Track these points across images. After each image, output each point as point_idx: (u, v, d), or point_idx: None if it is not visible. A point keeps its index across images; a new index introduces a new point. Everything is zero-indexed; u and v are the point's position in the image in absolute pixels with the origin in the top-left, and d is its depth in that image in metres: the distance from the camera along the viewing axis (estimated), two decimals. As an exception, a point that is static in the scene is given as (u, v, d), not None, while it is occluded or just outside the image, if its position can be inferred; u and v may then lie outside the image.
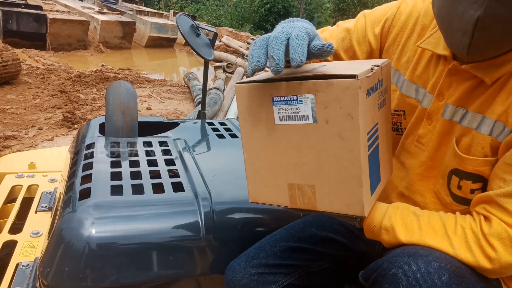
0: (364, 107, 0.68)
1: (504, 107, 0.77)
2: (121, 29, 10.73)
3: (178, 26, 1.89)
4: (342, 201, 0.74)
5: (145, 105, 5.89)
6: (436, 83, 0.89)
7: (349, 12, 15.57)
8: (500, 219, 0.73)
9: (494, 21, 0.67)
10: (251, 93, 0.74)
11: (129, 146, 1.37)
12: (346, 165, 0.71)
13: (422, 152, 0.93)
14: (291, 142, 0.74)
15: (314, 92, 0.68)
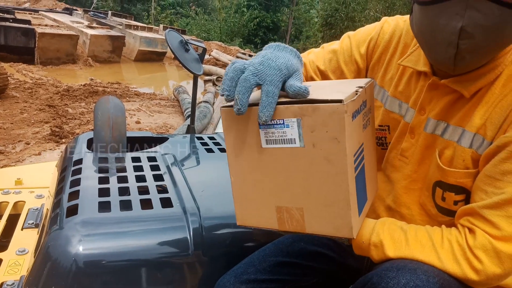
0: (350, 130, 0.69)
1: (482, 120, 0.79)
2: (111, 43, 10.74)
3: (167, 41, 1.90)
4: (331, 224, 0.74)
5: (134, 119, 5.88)
6: (418, 98, 0.91)
7: (336, 27, 15.76)
8: (484, 231, 0.75)
9: (476, 29, 0.70)
10: (238, 117, 0.74)
11: (117, 162, 1.37)
12: (333, 188, 0.71)
13: (406, 165, 0.95)
14: (279, 165, 0.75)
15: (301, 116, 0.69)
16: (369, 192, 0.87)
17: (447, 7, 0.71)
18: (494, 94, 0.79)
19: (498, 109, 0.78)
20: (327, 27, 16.30)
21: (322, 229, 0.76)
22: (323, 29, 16.80)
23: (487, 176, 0.78)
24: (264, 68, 0.71)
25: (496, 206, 0.75)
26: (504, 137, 0.75)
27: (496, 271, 0.73)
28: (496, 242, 0.73)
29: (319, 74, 1.08)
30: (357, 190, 0.75)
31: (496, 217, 0.74)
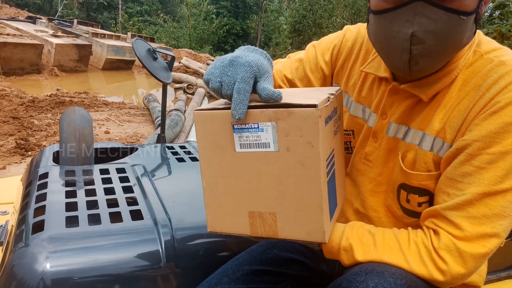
0: (323, 135, 0.70)
1: (441, 124, 0.82)
2: (77, 52, 10.52)
3: (134, 50, 1.88)
4: (303, 228, 0.75)
5: (103, 129, 5.76)
6: (379, 103, 0.94)
7: (304, 33, 15.98)
8: (448, 232, 0.77)
9: (426, 34, 0.73)
10: (211, 121, 0.74)
11: (85, 175, 1.34)
12: (307, 193, 0.72)
13: (370, 169, 0.98)
14: (252, 170, 0.75)
15: (275, 120, 0.70)
16: (339, 197, 0.88)
17: (398, 14, 0.74)
18: (451, 98, 0.82)
19: (455, 112, 0.81)
20: (296, 33, 16.52)
21: (294, 234, 0.76)
22: (291, 36, 17.02)
23: (448, 178, 0.80)
24: (234, 68, 0.71)
25: (457, 207, 0.77)
26: (462, 140, 0.78)
27: (460, 271, 0.75)
28: (459, 242, 0.75)
29: (287, 83, 1.09)
30: (328, 195, 0.75)
31: (458, 218, 0.76)
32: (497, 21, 11.07)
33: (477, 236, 0.75)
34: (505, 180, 0.73)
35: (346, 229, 0.85)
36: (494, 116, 0.74)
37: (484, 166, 0.74)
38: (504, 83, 0.74)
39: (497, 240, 0.75)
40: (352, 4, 16.69)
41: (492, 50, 0.82)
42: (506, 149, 0.72)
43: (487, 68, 0.79)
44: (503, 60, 0.78)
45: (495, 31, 9.48)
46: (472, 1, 0.73)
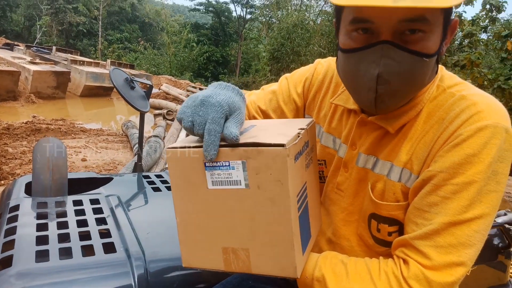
0: (293, 172, 0.72)
1: (408, 155, 0.85)
2: (55, 79, 10.43)
3: (112, 80, 1.89)
4: (276, 264, 0.76)
5: (80, 156, 5.67)
6: (349, 134, 0.97)
7: (283, 60, 16.31)
8: (416, 261, 0.78)
9: (391, 76, 0.76)
10: (184, 158, 0.75)
11: (57, 206, 1.31)
12: (278, 229, 0.73)
13: (342, 198, 0.99)
14: (225, 207, 0.76)
15: (246, 158, 0.71)
16: (313, 229, 0.88)
17: (365, 55, 0.77)
18: (417, 130, 0.85)
19: (421, 144, 0.83)
20: (274, 61, 16.83)
21: (267, 270, 0.77)
22: (270, 63, 17.31)
23: (416, 208, 0.81)
24: (206, 108, 0.73)
25: (425, 237, 0.78)
26: (428, 171, 0.79)
27: None
28: (428, 271, 0.76)
29: (261, 114, 1.12)
30: (301, 229, 0.76)
31: (426, 248, 0.77)
32: (466, 49, 11.54)
33: (444, 265, 0.76)
34: (469, 209, 0.75)
35: (319, 259, 0.85)
36: (457, 148, 0.76)
37: (449, 196, 0.76)
38: (465, 116, 0.78)
39: (463, 268, 0.76)
40: (328, 33, 17.19)
41: (454, 85, 0.86)
42: (469, 179, 0.75)
43: (449, 102, 0.82)
44: (463, 94, 0.81)
45: (465, 59, 9.87)
46: (434, 44, 0.76)
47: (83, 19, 31.70)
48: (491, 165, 0.74)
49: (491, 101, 0.80)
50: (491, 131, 0.74)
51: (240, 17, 26.86)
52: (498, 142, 0.74)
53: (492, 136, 0.74)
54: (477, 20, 11.73)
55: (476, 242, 0.76)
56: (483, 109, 0.77)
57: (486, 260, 1.61)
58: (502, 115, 0.77)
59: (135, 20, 37.36)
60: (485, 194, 0.75)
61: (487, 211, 0.75)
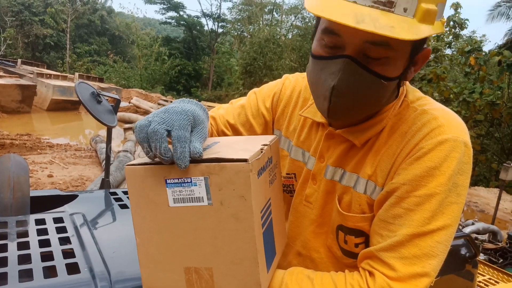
0: (256, 187, 0.71)
1: (373, 168, 0.86)
2: (20, 93, 10.12)
3: (78, 94, 1.84)
4: (240, 283, 0.74)
5: (46, 173, 5.49)
6: (317, 146, 0.98)
7: (255, 74, 16.45)
8: (382, 273, 0.79)
9: (346, 89, 0.78)
10: (143, 176, 0.73)
11: (18, 226, 1.25)
12: (241, 246, 0.71)
13: (311, 210, 1.00)
14: (187, 225, 0.73)
15: (208, 174, 0.69)
16: (278, 246, 0.87)
17: (328, 64, 0.80)
18: (381, 143, 0.86)
19: (385, 157, 0.84)
20: (247, 75, 16.95)
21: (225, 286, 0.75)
22: (243, 77, 17.43)
23: (380, 220, 0.82)
24: (170, 114, 0.69)
25: (390, 248, 0.79)
26: (391, 183, 0.81)
27: None
28: (393, 283, 0.77)
29: (230, 128, 1.11)
30: (265, 246, 0.76)
31: (391, 259, 0.78)
32: (432, 63, 11.97)
33: (409, 276, 0.77)
34: (431, 221, 0.77)
35: (285, 276, 0.84)
36: (418, 161, 0.78)
37: (412, 208, 0.78)
38: (426, 130, 0.80)
39: (427, 279, 0.77)
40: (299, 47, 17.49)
41: (417, 100, 0.88)
42: (431, 191, 0.76)
43: (411, 116, 0.84)
44: (425, 109, 0.84)
45: (431, 73, 10.23)
46: (396, 69, 0.79)
47: (50, 31, 31.04)
48: (452, 177, 0.76)
49: (451, 115, 0.82)
50: (451, 145, 0.77)
51: (212, 31, 26.98)
52: (458, 155, 0.77)
53: (452, 149, 0.77)
54: (441, 36, 12.21)
55: (439, 253, 0.77)
56: (443, 123, 0.79)
57: (454, 270, 1.65)
58: (461, 129, 0.80)
59: (104, 33, 36.89)
60: (447, 206, 0.77)
61: (448, 222, 0.77)
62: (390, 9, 0.71)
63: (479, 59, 9.59)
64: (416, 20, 0.72)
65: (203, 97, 20.41)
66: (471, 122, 10.41)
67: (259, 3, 24.73)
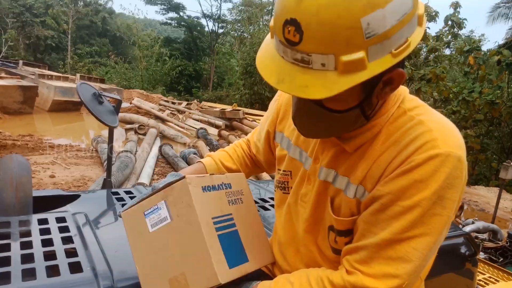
0: (199, 197, 0.91)
1: (363, 173, 0.88)
2: (22, 94, 10.13)
3: (79, 94, 1.85)
4: (203, 277, 0.88)
5: (48, 173, 5.51)
6: (314, 148, 1.01)
7: (256, 75, 16.40)
8: (358, 269, 0.84)
9: (301, 120, 0.89)
10: (132, 215, 0.98)
11: (21, 226, 1.26)
12: (197, 245, 0.89)
13: (304, 209, 1.03)
14: (162, 242, 0.93)
15: (165, 198, 0.92)
16: (251, 255, 1.01)
17: None
18: (375, 150, 0.87)
19: (377, 164, 0.86)
20: (248, 75, 16.93)
21: (201, 285, 0.88)
22: (244, 77, 17.41)
23: (364, 222, 0.87)
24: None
25: (370, 247, 0.84)
26: (378, 190, 0.84)
27: None
28: (366, 278, 0.82)
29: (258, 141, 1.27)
30: (222, 246, 0.91)
31: (368, 257, 0.84)
32: (431, 63, 11.95)
33: (382, 274, 0.82)
34: (410, 230, 0.80)
35: (271, 285, 0.93)
36: (407, 174, 0.80)
37: (394, 216, 0.81)
38: (419, 143, 0.81)
39: (398, 281, 0.81)
40: (300, 47, 17.39)
41: (414, 108, 0.89)
42: (414, 203, 0.79)
43: (407, 126, 0.85)
44: (421, 119, 0.84)
45: (431, 73, 10.21)
46: (349, 102, 0.80)
47: (51, 32, 31.08)
48: (438, 191, 0.79)
49: (446, 128, 0.83)
50: (442, 160, 0.78)
51: (212, 32, 26.95)
52: (448, 170, 0.78)
53: (442, 164, 0.78)
54: (441, 36, 12.19)
55: (414, 259, 0.81)
56: (437, 137, 0.80)
57: (454, 268, 1.65)
58: (455, 143, 0.81)
59: (105, 34, 36.93)
60: (429, 217, 0.80)
61: (428, 232, 0.80)
62: (308, 66, 0.73)
63: (478, 59, 9.57)
64: (337, 73, 0.71)
65: (204, 98, 20.36)
66: (471, 122, 10.39)
67: (259, 4, 24.71)
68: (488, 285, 2.40)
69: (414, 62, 12.71)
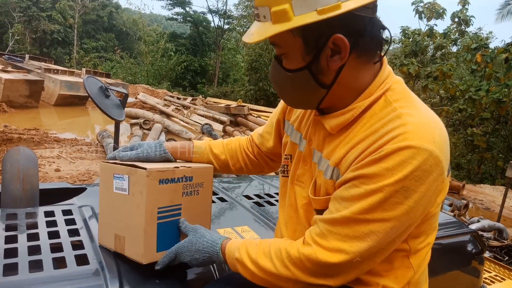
0: (153, 189, 1.03)
1: (341, 156, 0.93)
2: (28, 88, 10.16)
3: (86, 88, 1.85)
4: (134, 250, 1.05)
5: (53, 167, 5.53)
6: (307, 130, 1.07)
7: (261, 71, 16.36)
8: (315, 241, 0.89)
9: (271, 72, 1.01)
10: (106, 170, 1.14)
11: (28, 218, 1.27)
12: (138, 224, 1.04)
13: (302, 189, 1.07)
14: (118, 205, 1.10)
15: (129, 174, 1.06)
16: None
17: None
18: (355, 136, 0.92)
19: (354, 149, 0.90)
20: (253, 71, 16.87)
21: (130, 253, 1.06)
22: (249, 73, 17.35)
23: (333, 197, 0.92)
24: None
25: (330, 222, 0.89)
26: (348, 173, 0.89)
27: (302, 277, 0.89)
28: (320, 250, 0.87)
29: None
30: (159, 232, 1.06)
31: (327, 232, 0.88)
32: (438, 61, 11.90)
33: (335, 249, 0.86)
34: (369, 212, 0.84)
35: (239, 247, 0.98)
36: (377, 162, 0.84)
37: (357, 197, 0.86)
38: (392, 135, 0.84)
39: (349, 256, 0.85)
40: (306, 43, 17.32)
41: (401, 99, 0.92)
42: (377, 188, 0.83)
43: (388, 118, 0.88)
44: (401, 112, 0.88)
45: (437, 70, 10.16)
46: (295, 62, 0.92)
47: (57, 27, 31.14)
48: (402, 181, 0.81)
49: (423, 123, 0.86)
50: (412, 152, 0.81)
51: (218, 27, 26.90)
52: (416, 163, 0.81)
53: (412, 156, 0.81)
54: (448, 33, 12.11)
55: (369, 241, 0.85)
56: (410, 130, 0.83)
57: (460, 266, 1.64)
58: (428, 137, 0.83)
59: (111, 29, 36.94)
60: (391, 204, 0.83)
61: (387, 217, 0.84)
62: (258, 19, 0.91)
63: (485, 56, 9.50)
64: (271, 23, 0.88)
65: (209, 93, 20.36)
66: (477, 120, 10.32)
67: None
68: (494, 283, 2.39)
69: (421, 59, 12.64)
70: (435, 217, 0.97)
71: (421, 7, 13.47)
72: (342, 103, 0.95)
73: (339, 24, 0.85)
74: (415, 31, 13.77)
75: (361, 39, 0.89)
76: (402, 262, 0.96)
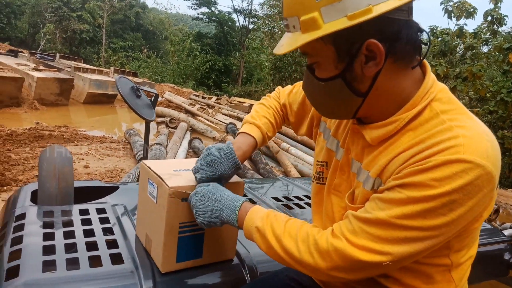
0: (175, 206, 1.06)
1: (382, 166, 0.89)
2: (58, 86, 10.43)
3: (118, 88, 1.88)
4: (157, 255, 1.10)
5: (83, 163, 5.65)
6: (345, 139, 1.03)
7: (285, 70, 16.32)
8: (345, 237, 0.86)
9: (304, 83, 0.99)
10: (144, 171, 1.18)
11: (63, 215, 1.30)
12: (160, 235, 1.07)
13: (340, 199, 1.04)
14: (149, 208, 1.15)
15: (158, 185, 1.09)
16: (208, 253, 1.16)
17: None
18: (398, 147, 0.88)
19: (396, 159, 0.86)
20: (277, 70, 16.84)
21: (154, 257, 1.12)
22: (272, 73, 17.33)
23: (372, 198, 0.89)
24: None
25: (363, 220, 0.86)
26: (390, 180, 0.86)
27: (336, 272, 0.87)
28: (351, 248, 0.85)
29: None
30: (179, 245, 1.09)
31: (359, 229, 0.86)
32: (468, 61, 11.57)
33: (366, 248, 0.84)
34: (408, 219, 0.81)
35: (264, 216, 0.98)
36: (423, 172, 0.80)
37: (397, 201, 0.82)
38: (442, 146, 0.80)
39: (381, 257, 0.83)
40: (331, 43, 17.16)
41: (449, 110, 0.87)
42: (420, 198, 0.79)
43: (436, 130, 0.84)
44: (452, 125, 0.83)
45: (467, 71, 9.88)
46: (328, 71, 0.89)
47: (86, 27, 31.88)
48: (451, 194, 0.77)
49: (477, 136, 0.81)
50: (464, 166, 0.77)
51: (243, 27, 26.96)
52: (469, 178, 0.77)
53: (463, 170, 0.77)
54: (479, 33, 11.77)
55: (403, 246, 0.82)
56: (461, 143, 0.79)
57: (497, 275, 1.59)
58: (483, 153, 0.78)
59: (138, 29, 37.55)
60: (433, 215, 0.79)
61: (425, 227, 0.80)
62: (288, 30, 0.90)
63: (519, 57, 9.18)
64: (300, 33, 0.86)
65: (233, 93, 20.44)
66: (509, 122, 9.99)
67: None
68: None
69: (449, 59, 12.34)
70: (477, 230, 0.93)
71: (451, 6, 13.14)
72: (382, 112, 0.92)
73: (372, 28, 0.82)
74: (444, 31, 13.45)
75: (397, 43, 0.84)
76: (444, 276, 0.92)
